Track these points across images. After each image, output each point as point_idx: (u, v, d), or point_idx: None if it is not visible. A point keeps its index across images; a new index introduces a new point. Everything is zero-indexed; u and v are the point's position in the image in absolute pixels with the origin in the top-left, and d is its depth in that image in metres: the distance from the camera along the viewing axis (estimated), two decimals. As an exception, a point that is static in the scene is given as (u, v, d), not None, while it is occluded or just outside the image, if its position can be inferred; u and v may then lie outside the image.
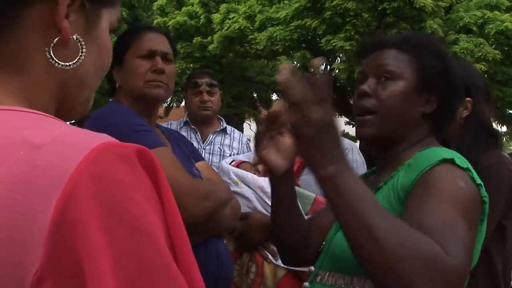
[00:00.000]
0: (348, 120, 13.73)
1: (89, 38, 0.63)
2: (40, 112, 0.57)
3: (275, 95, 18.48)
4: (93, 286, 0.45)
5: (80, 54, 0.62)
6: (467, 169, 1.00)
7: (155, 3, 15.50)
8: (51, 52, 0.60)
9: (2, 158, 0.49)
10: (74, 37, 0.61)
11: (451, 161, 1.00)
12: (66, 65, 0.61)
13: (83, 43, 0.62)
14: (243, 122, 17.70)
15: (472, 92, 1.70)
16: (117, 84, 1.58)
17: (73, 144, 0.50)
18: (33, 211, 0.46)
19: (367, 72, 1.18)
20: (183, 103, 15.73)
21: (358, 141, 2.27)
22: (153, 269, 0.48)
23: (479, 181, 1.01)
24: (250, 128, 19.11)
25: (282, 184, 1.21)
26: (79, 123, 3.03)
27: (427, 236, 0.86)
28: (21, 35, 0.58)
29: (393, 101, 1.12)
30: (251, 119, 19.02)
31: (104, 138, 0.52)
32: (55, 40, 0.59)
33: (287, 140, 1.11)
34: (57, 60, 0.60)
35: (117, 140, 0.52)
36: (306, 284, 1.13)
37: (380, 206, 0.86)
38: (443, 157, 1.00)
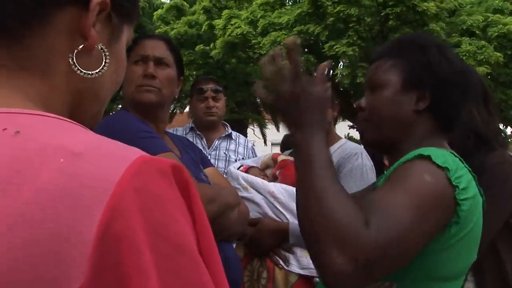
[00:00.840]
0: (352, 124, 13.74)
1: (111, 51, 0.63)
2: (67, 119, 0.55)
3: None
4: None
5: (103, 64, 0.61)
6: (445, 168, 0.98)
7: (155, 12, 15.60)
8: (75, 58, 0.59)
9: (40, 164, 0.46)
10: (99, 46, 0.60)
11: (427, 158, 0.99)
12: (89, 74, 0.60)
13: (107, 53, 0.61)
14: (247, 127, 17.72)
15: None
16: (120, 92, 1.58)
17: (111, 155, 0.49)
18: (77, 224, 0.44)
19: (364, 87, 1.24)
20: (186, 109, 15.81)
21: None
22: (194, 286, 0.47)
23: (458, 183, 0.98)
24: (253, 133, 19.12)
25: None
26: None
27: (360, 209, 0.90)
28: (48, 38, 0.57)
29: (379, 108, 1.16)
30: (254, 124, 19.04)
31: (138, 151, 0.51)
32: (80, 47, 0.59)
33: None
34: (79, 68, 0.59)
35: (154, 156, 0.51)
36: (317, 279, 1.14)
37: (329, 173, 0.94)
38: (420, 153, 1.00)
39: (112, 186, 0.45)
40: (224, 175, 2.54)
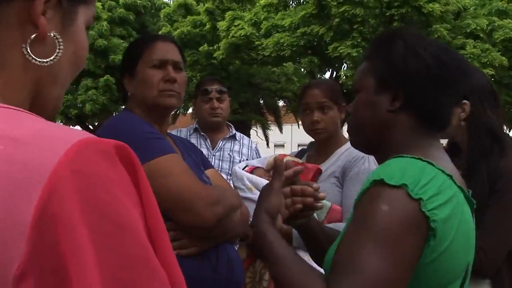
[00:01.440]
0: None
1: (66, 35, 0.63)
2: (17, 108, 0.56)
3: (281, 102, 18.52)
4: (77, 281, 0.45)
5: (57, 51, 0.62)
6: (402, 186, 0.92)
7: (162, 10, 15.62)
8: (28, 48, 0.60)
9: None
10: (51, 34, 0.61)
11: (381, 182, 0.94)
12: (44, 62, 0.61)
13: (60, 40, 0.62)
14: (250, 128, 17.73)
15: (472, 94, 1.68)
16: (129, 94, 1.58)
17: (52, 139, 0.50)
18: (16, 207, 0.46)
19: None
20: (189, 111, 15.83)
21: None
22: (136, 263, 0.49)
23: (420, 195, 0.91)
24: (256, 134, 19.14)
25: (302, 228, 1.32)
26: (92, 131, 3.03)
27: (320, 277, 0.95)
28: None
29: (357, 112, 1.17)
30: (257, 126, 19.05)
31: (83, 134, 0.52)
32: (32, 36, 0.60)
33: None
34: (34, 57, 0.60)
35: (96, 136, 0.52)
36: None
37: (291, 256, 1.03)
38: (374, 178, 0.95)
39: (50, 169, 0.47)
40: (229, 176, 2.54)
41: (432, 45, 1.09)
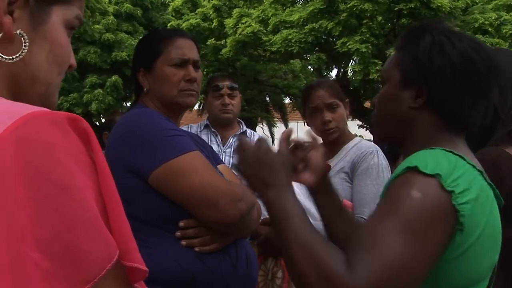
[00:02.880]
0: (361, 123, 13.70)
1: (37, 33, 0.66)
2: None
3: (288, 99, 18.50)
4: (5, 238, 0.47)
5: (22, 48, 0.64)
6: (436, 175, 0.91)
7: (171, 3, 15.60)
8: None
9: None
10: (18, 32, 0.64)
11: (415, 169, 0.93)
12: (10, 59, 0.64)
13: (26, 37, 0.65)
14: (256, 125, 17.72)
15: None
16: (145, 89, 1.56)
17: (4, 111, 0.53)
18: None
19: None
20: (195, 107, 15.85)
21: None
22: (77, 224, 0.50)
23: (453, 187, 0.91)
24: (262, 131, 19.14)
25: (321, 197, 1.25)
26: (107, 129, 2.98)
27: (339, 252, 0.90)
28: None
29: (379, 105, 1.15)
30: (263, 123, 19.05)
31: (38, 108, 0.54)
32: (0, 35, 0.63)
33: (311, 155, 1.21)
34: (1, 54, 0.63)
35: (50, 110, 0.54)
36: None
37: (306, 224, 0.96)
38: (407, 165, 0.94)
39: None
40: (235, 174, 2.54)
41: (463, 41, 1.05)
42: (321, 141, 1.22)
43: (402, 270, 0.86)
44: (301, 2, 13.03)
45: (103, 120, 17.33)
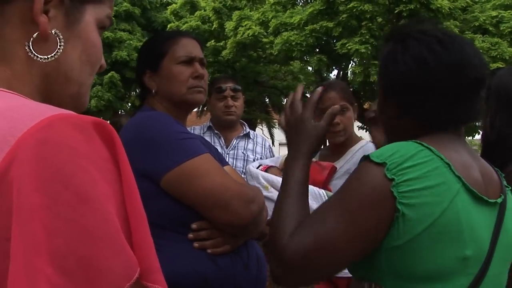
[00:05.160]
0: (361, 125, 13.69)
1: (71, 33, 0.65)
2: (13, 92, 0.59)
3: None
4: (19, 249, 0.44)
5: (58, 47, 0.64)
6: (383, 164, 0.96)
7: (169, 7, 15.59)
8: (31, 46, 0.62)
9: None
10: (53, 31, 0.63)
11: (368, 158, 1.00)
12: (45, 58, 0.63)
13: (61, 37, 0.64)
14: (255, 127, 17.71)
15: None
16: (153, 91, 1.57)
17: (27, 113, 0.51)
18: None
19: None
20: (195, 109, 15.76)
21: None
22: (95, 237, 0.46)
23: (395, 176, 0.94)
24: (262, 133, 19.11)
25: None
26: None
27: (295, 224, 1.02)
28: (3, 30, 0.62)
29: (379, 114, 1.21)
30: (263, 124, 19.02)
31: (63, 110, 0.52)
32: (35, 34, 0.62)
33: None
34: (35, 54, 0.63)
35: (75, 113, 0.52)
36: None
37: (295, 189, 1.09)
38: (371, 157, 1.00)
39: (16, 138, 0.48)
40: (243, 175, 2.55)
41: (421, 44, 1.05)
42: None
43: (330, 246, 0.95)
44: (301, 3, 13.04)
45: (101, 118, 17.23)
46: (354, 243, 0.96)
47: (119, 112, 15.35)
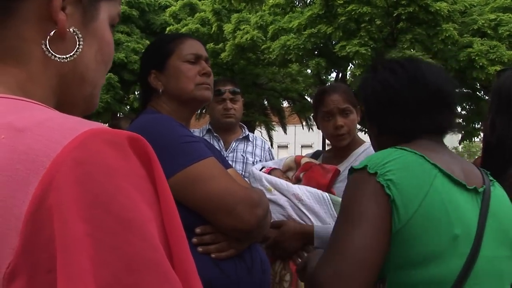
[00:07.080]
0: (360, 127, 13.70)
1: (87, 31, 0.62)
2: (31, 100, 0.55)
3: (286, 102, 18.51)
4: (64, 283, 0.41)
5: (77, 46, 0.60)
6: (364, 167, 1.07)
7: (168, 9, 15.62)
8: (48, 45, 0.59)
9: None
10: (71, 29, 0.60)
11: (352, 170, 1.11)
12: (63, 58, 0.60)
13: (80, 35, 0.61)
14: (254, 129, 17.72)
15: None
16: (160, 90, 1.54)
17: (57, 129, 0.47)
18: (11, 198, 0.43)
19: None
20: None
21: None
22: (142, 265, 0.43)
23: (377, 169, 1.05)
24: (261, 135, 19.13)
25: None
26: None
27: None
28: (19, 28, 0.58)
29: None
30: (262, 126, 19.04)
31: (94, 124, 0.48)
32: (52, 33, 0.59)
33: None
34: (53, 53, 0.59)
35: (107, 127, 0.49)
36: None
37: None
38: (354, 167, 1.11)
39: (51, 159, 0.44)
40: (243, 178, 2.54)
41: (381, 72, 1.24)
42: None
43: (364, 253, 1.01)
44: (300, 5, 13.06)
45: (100, 121, 17.27)
46: (379, 239, 1.02)
47: (118, 115, 15.34)
